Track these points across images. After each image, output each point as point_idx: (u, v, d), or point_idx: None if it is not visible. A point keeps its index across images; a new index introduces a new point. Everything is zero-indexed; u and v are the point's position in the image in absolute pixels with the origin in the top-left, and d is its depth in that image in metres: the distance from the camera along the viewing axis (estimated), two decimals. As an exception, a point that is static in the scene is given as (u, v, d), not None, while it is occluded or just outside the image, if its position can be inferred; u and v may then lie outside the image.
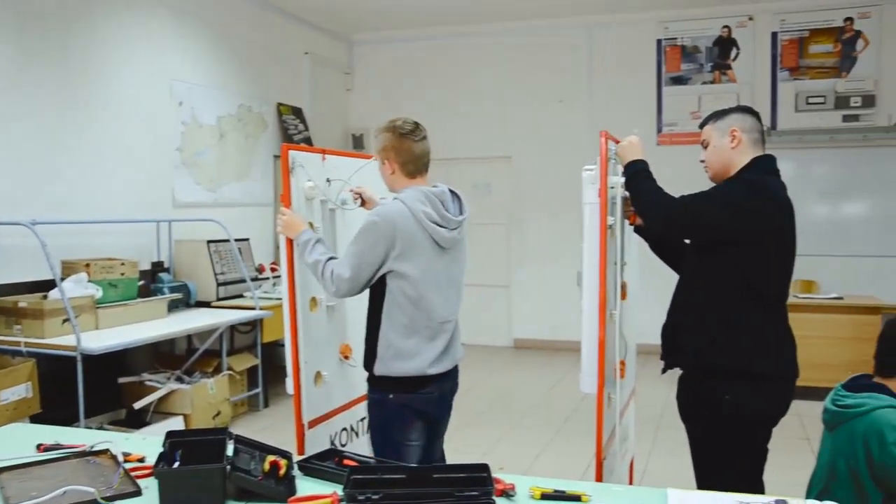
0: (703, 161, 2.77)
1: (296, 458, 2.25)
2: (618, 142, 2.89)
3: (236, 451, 2.14)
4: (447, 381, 2.97)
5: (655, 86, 8.51)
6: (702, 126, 2.78)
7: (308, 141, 8.46)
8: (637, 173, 2.73)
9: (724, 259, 2.60)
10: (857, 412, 2.50)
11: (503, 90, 9.09)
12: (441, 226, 2.77)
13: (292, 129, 8.32)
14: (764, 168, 2.66)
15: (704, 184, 2.75)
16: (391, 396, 2.83)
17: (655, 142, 8.34)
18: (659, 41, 8.56)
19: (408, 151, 2.85)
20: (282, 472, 2.08)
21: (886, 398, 2.50)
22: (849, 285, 7.45)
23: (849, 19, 8.00)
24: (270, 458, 2.10)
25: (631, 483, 3.92)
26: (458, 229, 2.88)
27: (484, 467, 1.95)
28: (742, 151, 2.66)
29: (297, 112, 8.51)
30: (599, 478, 2.73)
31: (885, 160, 7.84)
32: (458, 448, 5.36)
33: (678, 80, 8.44)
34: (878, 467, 2.41)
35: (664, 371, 2.85)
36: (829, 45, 8.08)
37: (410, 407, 2.83)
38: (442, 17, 8.84)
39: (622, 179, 2.73)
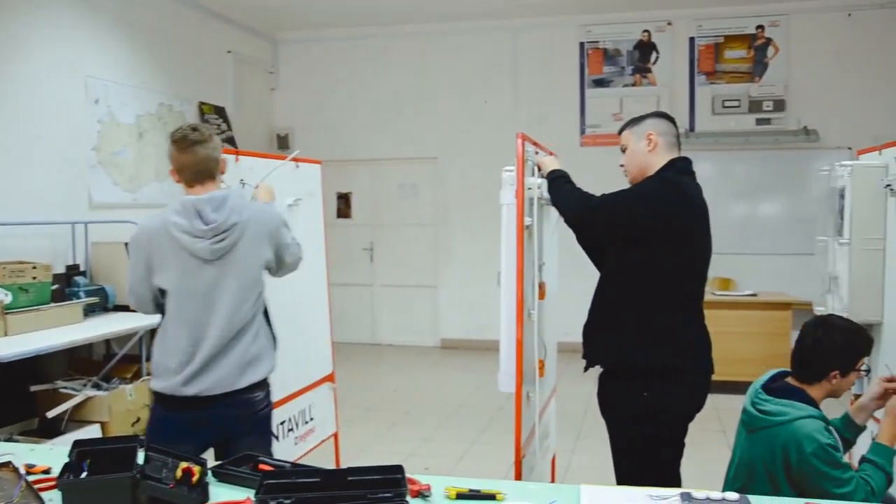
0: (622, 165, 2.84)
1: (210, 463, 2.21)
2: (535, 143, 2.93)
3: (148, 458, 2.08)
4: (220, 407, 2.62)
5: (578, 88, 8.66)
6: (620, 132, 2.86)
7: (231, 141, 8.32)
8: (558, 178, 2.80)
9: (639, 258, 2.66)
10: (778, 421, 2.54)
11: (429, 91, 9.12)
12: (196, 236, 2.57)
13: (215, 128, 8.15)
14: (679, 169, 2.72)
15: (626, 185, 2.81)
16: (153, 407, 2.72)
17: (579, 143, 8.49)
18: (582, 44, 8.72)
19: (177, 160, 2.69)
20: (195, 478, 2.03)
21: (806, 407, 2.54)
22: (763, 282, 7.72)
23: (760, 27, 8.30)
24: (183, 464, 2.05)
25: (553, 480, 3.98)
26: (220, 238, 2.59)
27: (398, 469, 1.94)
28: (658, 154, 2.72)
29: (220, 111, 8.36)
30: (518, 476, 2.76)
31: (796, 162, 8.15)
32: (384, 449, 5.39)
33: (600, 83, 8.61)
34: (795, 473, 2.47)
35: (586, 369, 2.90)
36: (743, 51, 8.36)
37: (174, 424, 2.63)
38: (368, 17, 8.81)
39: (540, 181, 2.77)
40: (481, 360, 8.13)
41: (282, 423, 3.65)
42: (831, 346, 2.60)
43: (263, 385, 2.74)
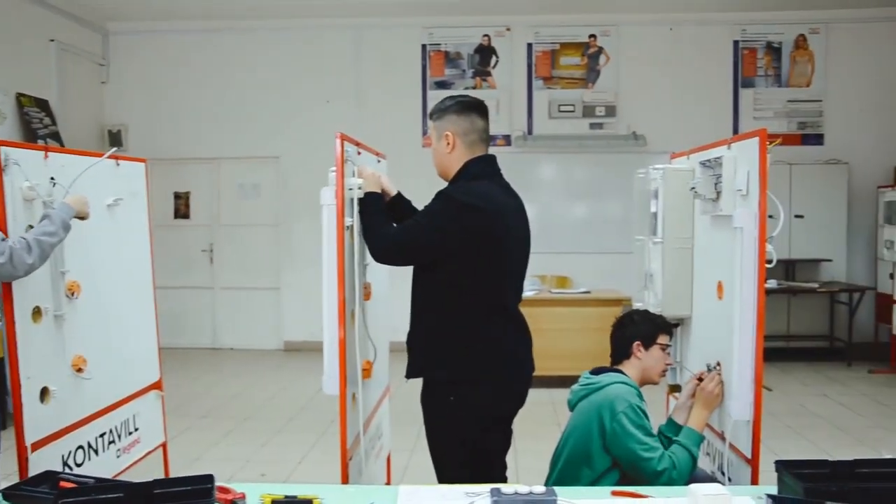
0: None
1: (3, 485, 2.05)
2: (357, 143, 2.91)
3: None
4: None
5: (420, 89, 8.74)
6: (430, 117, 2.80)
7: (56, 136, 7.80)
8: (365, 206, 2.72)
9: (445, 271, 2.65)
10: (595, 387, 2.78)
11: (271, 89, 8.93)
12: None
13: (36, 122, 7.62)
14: (473, 174, 2.68)
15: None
16: None
17: (421, 144, 8.57)
18: (424, 46, 8.80)
19: None
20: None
21: (621, 376, 2.80)
22: (598, 280, 8.07)
23: (593, 36, 8.69)
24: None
25: (389, 480, 3.98)
26: None
27: (208, 478, 1.87)
28: (457, 155, 2.70)
29: (43, 104, 7.81)
30: (345, 479, 2.73)
31: (626, 165, 8.53)
32: (220, 457, 5.21)
33: (442, 85, 8.73)
34: (608, 436, 2.66)
35: (407, 378, 2.85)
36: (577, 58, 8.72)
37: None
38: (207, 10, 8.51)
39: (360, 181, 2.75)
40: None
41: (101, 436, 3.44)
42: (631, 325, 2.94)
43: None
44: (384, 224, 2.69)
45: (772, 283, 8.05)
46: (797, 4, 8.36)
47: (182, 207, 9.17)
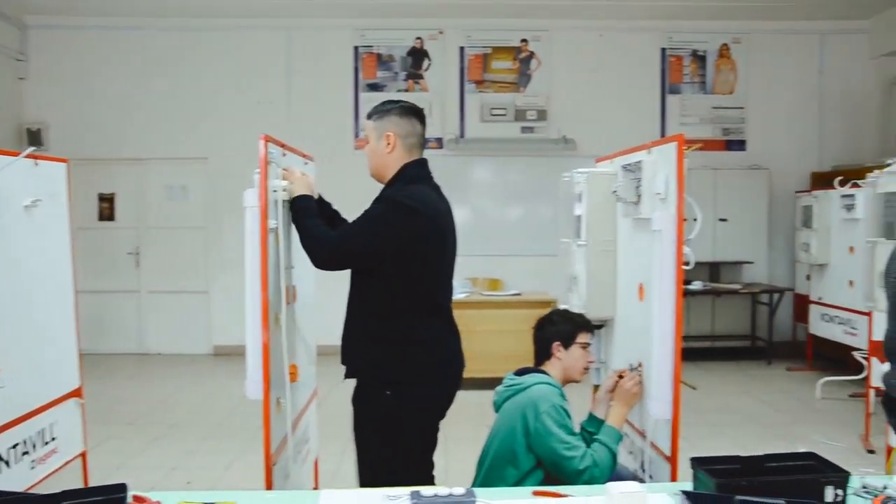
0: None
1: None
2: (283, 145, 2.89)
3: None
4: None
5: (352, 91, 8.69)
6: (368, 117, 2.79)
7: (-30, 134, 7.50)
8: (299, 210, 2.71)
9: (383, 274, 2.66)
10: (519, 388, 2.83)
11: (200, 88, 8.78)
12: None
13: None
14: (410, 177, 2.71)
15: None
16: None
17: (353, 146, 8.53)
18: (356, 48, 8.77)
19: None
20: None
21: (544, 376, 2.84)
22: (529, 282, 8.16)
23: (524, 40, 8.79)
24: None
25: (317, 485, 3.95)
26: None
27: (121, 487, 1.83)
28: (396, 157, 2.72)
29: (-45, 101, 7.51)
30: (269, 484, 2.70)
31: (557, 169, 8.62)
32: (144, 465, 5.09)
33: (374, 87, 8.70)
34: (532, 435, 2.70)
35: (346, 377, 2.85)
36: (509, 62, 8.81)
37: None
38: (134, 6, 8.33)
39: (285, 183, 2.72)
40: (256, 366, 7.92)
41: (14, 447, 3.32)
42: (551, 325, 3.00)
43: None
44: (321, 227, 2.68)
45: (697, 285, 8.28)
46: (720, 15, 8.61)
47: (107, 209, 8.92)
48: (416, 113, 2.77)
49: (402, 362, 2.67)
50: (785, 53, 9.00)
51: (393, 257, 2.62)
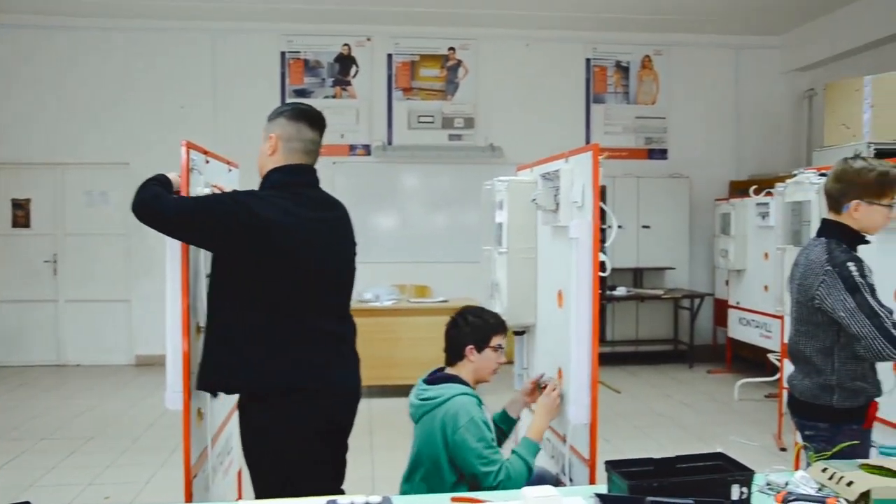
0: None
1: None
2: (205, 152, 2.85)
3: None
4: None
5: (279, 97, 8.61)
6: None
7: None
8: (153, 179, 2.60)
9: (231, 273, 2.51)
10: (437, 402, 2.81)
11: (122, 91, 8.57)
12: None
13: None
14: (275, 182, 2.58)
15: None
16: None
17: (281, 153, 8.44)
18: (283, 53, 8.69)
19: None
20: None
21: (459, 387, 2.85)
22: (457, 289, 8.19)
23: (452, 48, 8.86)
24: None
25: (240, 496, 3.89)
26: None
27: (26, 504, 1.77)
28: (275, 161, 2.60)
29: None
30: (189, 497, 2.66)
31: (484, 177, 8.69)
32: (58, 481, 4.94)
33: (302, 93, 8.64)
34: (451, 448, 2.71)
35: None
36: (437, 70, 8.87)
37: None
38: (53, 5, 8.06)
39: (207, 191, 2.69)
40: (179, 376, 7.75)
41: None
42: (465, 326, 3.00)
43: None
44: (164, 193, 2.54)
45: (621, 291, 8.47)
46: (643, 27, 8.84)
47: (20, 216, 8.61)
48: (308, 118, 2.64)
49: (261, 375, 2.49)
50: (704, 66, 9.31)
51: (218, 246, 2.49)
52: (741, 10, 8.13)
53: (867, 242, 2.73)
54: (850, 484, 2.06)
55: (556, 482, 3.04)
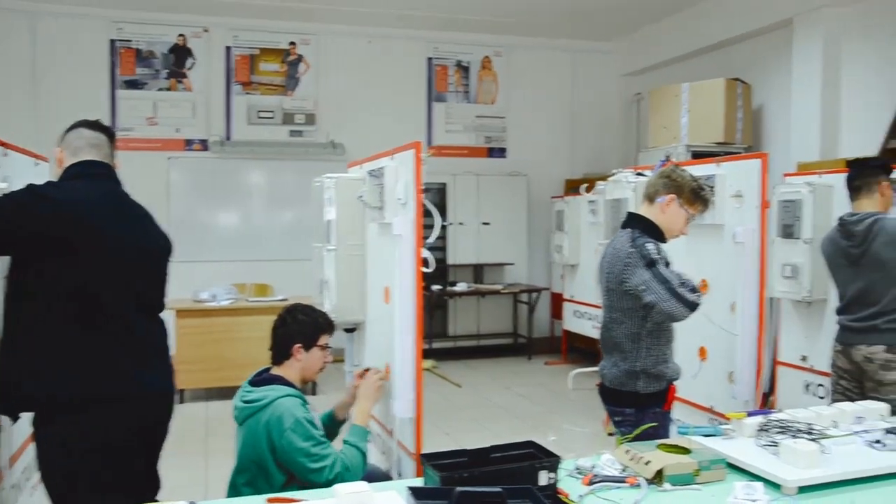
0: None
1: None
2: (3, 144, 2.67)
3: None
4: None
5: (109, 88, 8.14)
6: None
7: None
8: None
9: (28, 276, 2.40)
10: (261, 405, 2.75)
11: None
12: None
13: None
14: (73, 174, 2.58)
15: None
16: None
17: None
18: (112, 42, 8.23)
19: None
20: None
21: (283, 388, 2.80)
22: (300, 287, 8.02)
23: (293, 43, 8.71)
24: None
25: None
26: None
27: None
28: (67, 164, 2.61)
29: None
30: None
31: (326, 173, 8.67)
32: None
33: (133, 84, 8.21)
34: (279, 451, 2.67)
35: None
36: (277, 64, 8.69)
37: None
38: None
39: (4, 185, 2.51)
40: None
41: None
42: (293, 324, 2.94)
43: None
44: None
45: (462, 286, 8.65)
46: (482, 28, 9.04)
47: None
48: (85, 124, 2.70)
49: (55, 381, 2.37)
50: (542, 68, 9.63)
51: (23, 242, 2.38)
52: (577, 15, 8.48)
53: (664, 242, 2.94)
54: (647, 463, 2.22)
55: (387, 477, 3.07)
